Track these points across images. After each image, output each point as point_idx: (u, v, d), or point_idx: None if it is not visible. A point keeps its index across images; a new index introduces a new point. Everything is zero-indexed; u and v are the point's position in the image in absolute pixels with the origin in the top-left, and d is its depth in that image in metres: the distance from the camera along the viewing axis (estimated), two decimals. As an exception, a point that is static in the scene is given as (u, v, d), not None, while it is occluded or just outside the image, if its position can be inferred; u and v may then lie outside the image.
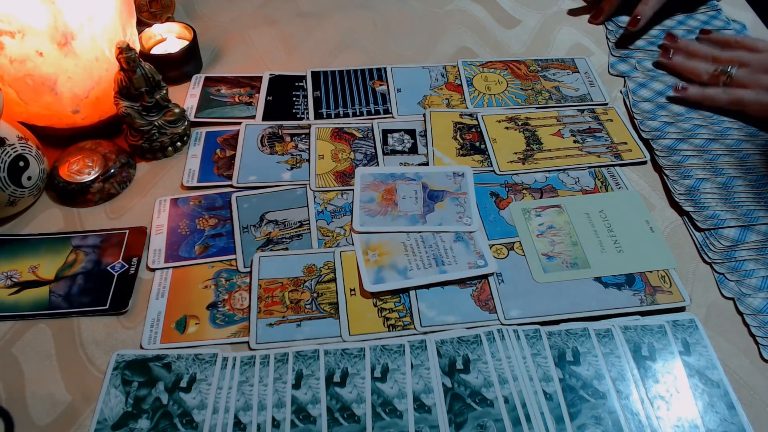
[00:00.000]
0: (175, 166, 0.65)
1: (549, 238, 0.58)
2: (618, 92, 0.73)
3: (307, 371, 0.48)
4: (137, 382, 0.47)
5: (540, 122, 0.69)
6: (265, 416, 0.45)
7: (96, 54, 0.60)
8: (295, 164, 0.64)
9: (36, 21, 0.55)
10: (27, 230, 0.58)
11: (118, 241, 0.57)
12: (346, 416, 0.45)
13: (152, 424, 0.45)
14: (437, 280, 0.54)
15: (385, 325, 0.51)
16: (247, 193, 0.61)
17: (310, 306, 0.53)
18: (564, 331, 0.51)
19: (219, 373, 0.48)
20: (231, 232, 0.58)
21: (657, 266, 0.55)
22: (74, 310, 0.52)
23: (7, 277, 0.54)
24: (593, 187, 0.62)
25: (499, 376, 0.48)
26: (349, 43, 0.80)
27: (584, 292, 0.53)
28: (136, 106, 0.62)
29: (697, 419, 0.46)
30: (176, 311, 0.52)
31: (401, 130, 0.68)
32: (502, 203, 0.61)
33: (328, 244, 0.57)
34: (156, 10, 0.78)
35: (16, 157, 0.55)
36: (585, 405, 0.46)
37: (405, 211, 0.60)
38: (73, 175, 0.60)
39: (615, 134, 0.68)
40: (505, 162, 0.65)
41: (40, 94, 0.59)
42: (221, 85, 0.73)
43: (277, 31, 0.82)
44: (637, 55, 0.77)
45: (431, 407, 0.46)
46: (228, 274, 0.55)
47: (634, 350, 0.49)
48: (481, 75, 0.75)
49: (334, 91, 0.73)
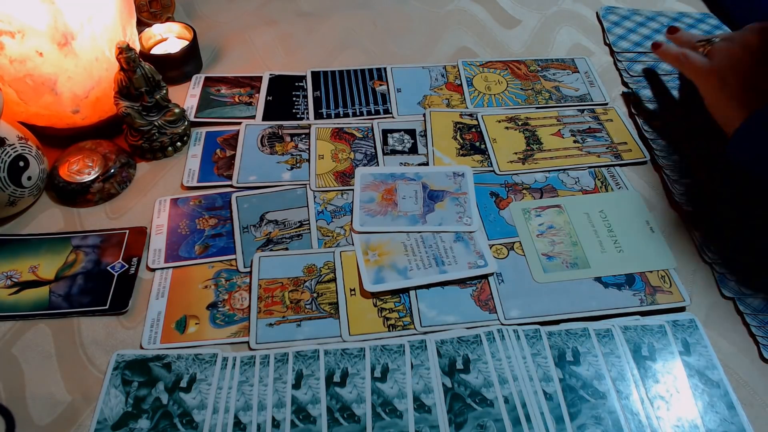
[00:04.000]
0: (175, 166, 0.65)
1: (549, 238, 0.58)
2: (618, 92, 0.73)
3: (307, 371, 0.48)
4: (137, 382, 0.47)
5: (540, 122, 0.69)
6: (265, 416, 0.45)
7: (96, 54, 0.60)
8: (295, 164, 0.64)
9: (36, 21, 0.55)
10: (27, 230, 0.58)
11: (118, 241, 0.57)
12: (346, 416, 0.45)
13: (152, 424, 0.45)
14: (437, 280, 0.54)
15: (385, 325, 0.51)
16: (247, 193, 0.61)
17: (310, 306, 0.53)
18: (564, 331, 0.51)
19: (219, 373, 0.48)
20: (231, 232, 0.58)
21: (657, 266, 0.55)
22: (74, 310, 0.52)
23: (7, 277, 0.54)
24: (593, 187, 0.62)
25: (499, 376, 0.48)
26: (349, 43, 0.80)
27: (584, 292, 0.53)
28: (136, 106, 0.62)
29: (697, 419, 0.46)
30: (176, 311, 0.52)
31: (401, 130, 0.68)
32: (502, 203, 0.61)
33: (328, 244, 0.57)
34: (156, 10, 0.78)
35: (16, 157, 0.55)
36: (585, 405, 0.46)
37: (405, 211, 0.60)
38: (73, 175, 0.60)
39: (615, 134, 0.68)
40: (505, 162, 0.65)
41: (40, 94, 0.59)
42: (221, 85, 0.73)
43: (277, 31, 0.82)
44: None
45: (431, 407, 0.46)
46: (228, 274, 0.55)
47: (634, 350, 0.49)
48: (481, 75, 0.75)
49: (334, 91, 0.73)
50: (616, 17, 0.84)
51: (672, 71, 0.74)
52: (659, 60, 0.76)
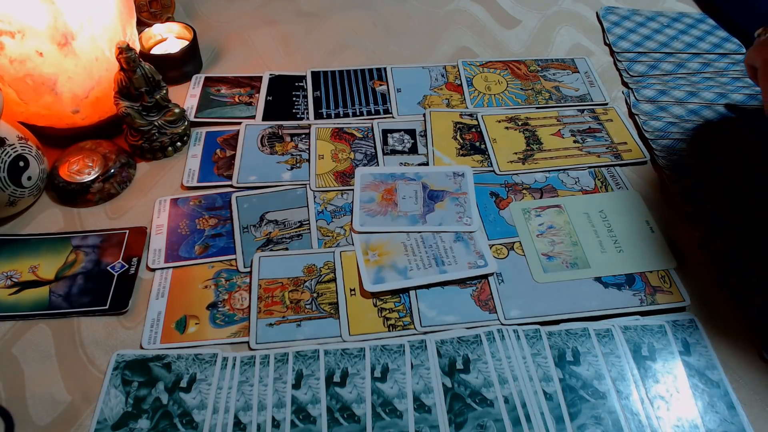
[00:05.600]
0: (175, 166, 0.65)
1: (549, 238, 0.58)
2: (618, 92, 0.73)
3: (307, 371, 0.48)
4: (137, 382, 0.47)
5: (540, 122, 0.69)
6: (265, 416, 0.45)
7: (96, 54, 0.60)
8: (295, 164, 0.64)
9: (36, 21, 0.55)
10: (27, 230, 0.58)
11: (118, 241, 0.57)
12: (346, 416, 0.45)
13: (152, 424, 0.45)
14: (437, 280, 0.54)
15: (385, 325, 0.51)
16: (247, 193, 0.61)
17: (310, 306, 0.53)
18: (564, 331, 0.51)
19: (219, 373, 0.48)
20: (231, 232, 0.58)
21: (657, 266, 0.55)
22: (74, 310, 0.52)
23: (7, 277, 0.54)
24: (593, 187, 0.62)
25: (499, 376, 0.48)
26: (349, 43, 0.80)
27: (584, 292, 0.53)
28: (136, 106, 0.62)
29: (697, 419, 0.46)
30: (176, 311, 0.52)
31: (401, 130, 0.68)
32: (502, 203, 0.61)
33: (328, 244, 0.57)
34: (156, 10, 0.78)
35: (16, 157, 0.55)
36: (585, 405, 0.46)
37: (405, 211, 0.60)
38: (73, 175, 0.60)
39: (615, 134, 0.68)
40: (505, 162, 0.65)
41: (40, 94, 0.59)
42: (221, 85, 0.73)
43: (277, 31, 0.82)
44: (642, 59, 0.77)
45: (431, 407, 0.46)
46: (228, 274, 0.55)
47: (634, 350, 0.49)
48: (481, 75, 0.75)
49: (334, 91, 0.73)
50: (616, 17, 0.84)
51: (672, 71, 0.74)
52: (659, 60, 0.76)
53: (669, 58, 0.76)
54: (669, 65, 0.76)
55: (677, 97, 0.71)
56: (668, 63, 0.76)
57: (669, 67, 0.75)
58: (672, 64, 0.76)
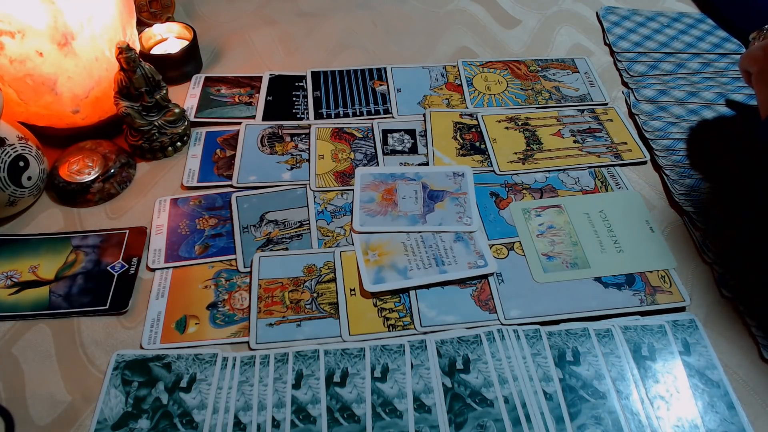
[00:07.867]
0: (175, 166, 0.65)
1: (549, 238, 0.58)
2: (618, 92, 0.73)
3: (307, 371, 0.48)
4: (137, 382, 0.47)
5: (540, 122, 0.69)
6: (265, 416, 0.45)
7: (96, 54, 0.60)
8: (295, 164, 0.64)
9: (36, 21, 0.55)
10: (27, 230, 0.58)
11: (118, 241, 0.57)
12: (346, 416, 0.45)
13: (152, 424, 0.45)
14: (437, 280, 0.54)
15: (385, 325, 0.51)
16: (247, 193, 0.61)
17: (310, 306, 0.53)
18: (564, 331, 0.51)
19: (219, 373, 0.48)
20: (231, 232, 0.58)
21: (657, 266, 0.55)
22: (74, 310, 0.52)
23: (7, 277, 0.54)
24: (593, 187, 0.62)
25: (499, 376, 0.48)
26: (349, 43, 0.80)
27: (584, 292, 0.53)
28: (136, 106, 0.62)
29: (697, 419, 0.46)
30: (176, 311, 0.52)
31: (401, 130, 0.68)
32: (502, 203, 0.61)
33: (328, 244, 0.57)
34: (156, 10, 0.78)
35: (16, 157, 0.55)
36: (585, 405, 0.46)
37: (405, 211, 0.60)
38: (73, 175, 0.60)
39: (615, 134, 0.68)
40: (505, 162, 0.65)
41: (40, 94, 0.59)
42: (221, 85, 0.73)
43: (277, 31, 0.82)
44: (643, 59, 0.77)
45: (431, 407, 0.46)
46: (228, 274, 0.55)
47: (634, 350, 0.49)
48: (481, 75, 0.75)
49: (334, 91, 0.73)
50: (616, 17, 0.84)
51: (672, 71, 0.74)
52: (659, 60, 0.76)
53: (669, 58, 0.77)
54: (669, 65, 0.76)
55: (677, 97, 0.71)
56: (668, 63, 0.76)
57: (669, 67, 0.75)
58: (672, 64, 0.76)
